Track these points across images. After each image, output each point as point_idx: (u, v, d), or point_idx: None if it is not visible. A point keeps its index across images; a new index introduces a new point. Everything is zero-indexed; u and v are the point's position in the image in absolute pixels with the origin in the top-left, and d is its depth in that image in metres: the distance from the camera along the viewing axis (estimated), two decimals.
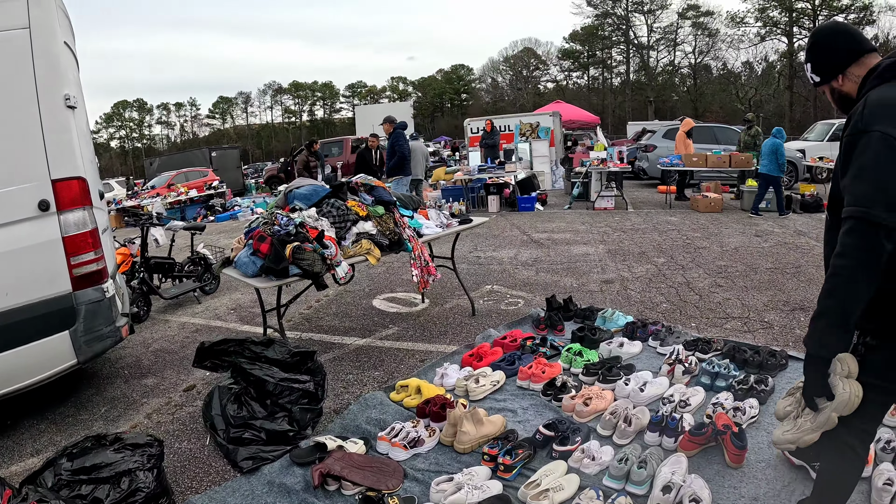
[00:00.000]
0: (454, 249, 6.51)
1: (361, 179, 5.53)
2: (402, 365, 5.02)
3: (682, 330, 5.34)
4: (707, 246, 9.51)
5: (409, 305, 6.72)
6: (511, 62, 76.94)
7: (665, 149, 17.70)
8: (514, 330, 5.41)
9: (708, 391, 4.17)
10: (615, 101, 69.31)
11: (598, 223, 12.08)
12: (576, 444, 3.44)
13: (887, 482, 2.99)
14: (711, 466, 3.32)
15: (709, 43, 64.47)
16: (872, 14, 53.61)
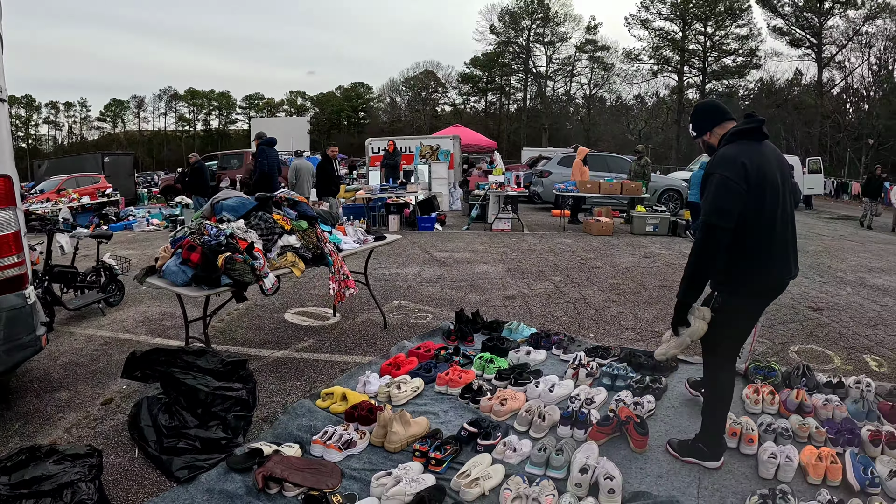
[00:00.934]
0: (367, 265, 6.78)
1: (284, 194, 5.70)
2: (322, 375, 5.19)
3: (582, 339, 5.91)
4: (600, 266, 10.18)
5: (321, 319, 6.89)
6: (411, 83, 77.53)
7: (559, 175, 18.46)
8: (427, 341, 5.73)
9: (609, 391, 4.74)
10: (511, 127, 70.93)
11: (497, 244, 12.56)
12: (497, 439, 3.81)
13: (771, 456, 3.69)
14: (619, 452, 3.85)
15: (604, 76, 67.69)
16: (759, 59, 57.15)
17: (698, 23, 59.04)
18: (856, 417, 4.44)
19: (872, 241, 16.62)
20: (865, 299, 8.87)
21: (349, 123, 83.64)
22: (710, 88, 60.87)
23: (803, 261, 11.80)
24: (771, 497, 3.25)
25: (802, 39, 53.25)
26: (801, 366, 5.17)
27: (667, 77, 63.35)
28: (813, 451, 3.83)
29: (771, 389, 4.72)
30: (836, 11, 50.37)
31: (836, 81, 52.58)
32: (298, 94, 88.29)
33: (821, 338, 6.80)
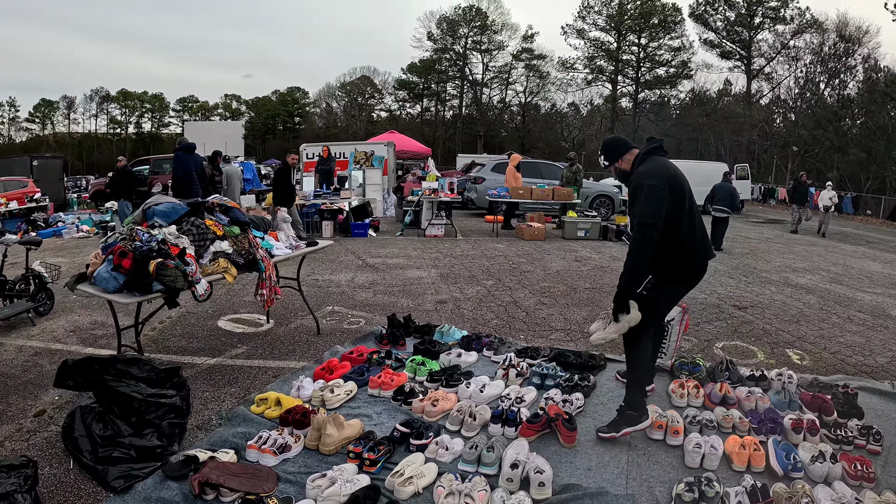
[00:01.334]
0: (300, 271, 6.81)
1: (217, 200, 5.70)
2: (256, 381, 5.18)
3: (512, 341, 6.08)
4: (532, 270, 10.41)
5: (254, 326, 6.87)
6: (348, 89, 77.12)
7: (493, 181, 18.68)
8: (360, 346, 5.79)
9: (539, 389, 4.92)
10: (446, 134, 71.08)
11: (430, 249, 12.68)
12: (430, 439, 3.91)
13: (696, 446, 3.91)
14: (549, 448, 4.00)
15: (539, 84, 68.39)
16: (690, 71, 58.70)
17: (632, 34, 60.74)
18: (778, 408, 4.70)
19: (798, 243, 17.36)
20: (789, 297, 9.30)
21: (285, 128, 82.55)
22: (642, 97, 62.39)
23: (729, 262, 12.37)
24: (696, 484, 3.42)
25: (733, 52, 55.31)
26: (724, 361, 5.41)
27: (601, 86, 64.78)
28: (737, 440, 4.05)
29: (696, 384, 4.92)
30: (765, 26, 52.49)
31: (764, 92, 54.87)
32: (234, 98, 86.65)
33: (745, 334, 7.14)
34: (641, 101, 62.76)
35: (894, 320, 8.25)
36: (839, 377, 5.70)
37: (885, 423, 4.62)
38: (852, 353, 6.63)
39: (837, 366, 6.17)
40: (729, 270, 11.66)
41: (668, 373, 5.41)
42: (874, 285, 11.01)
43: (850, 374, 5.93)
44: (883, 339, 7.29)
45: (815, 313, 8.38)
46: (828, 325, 7.79)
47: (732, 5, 54.35)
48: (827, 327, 7.65)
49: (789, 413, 4.55)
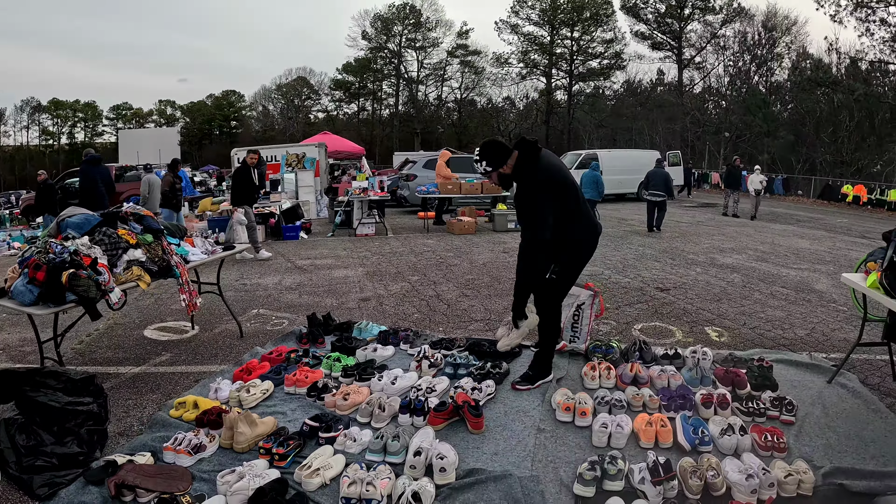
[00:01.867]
0: (219, 276, 6.82)
1: (130, 209, 5.69)
2: (177, 386, 5.21)
3: (429, 333, 6.24)
4: (458, 263, 10.62)
5: (179, 333, 6.87)
6: (284, 90, 76.27)
7: (425, 178, 18.85)
8: (280, 346, 5.87)
9: (452, 379, 5.03)
10: (384, 132, 70.84)
11: (359, 248, 12.80)
12: (339, 431, 4.01)
13: (602, 426, 4.05)
14: (458, 435, 4.11)
15: (475, 80, 68.53)
16: (622, 62, 59.73)
17: (566, 28, 61.13)
18: (691, 385, 4.84)
19: (728, 225, 17.89)
20: (713, 277, 9.62)
21: (221, 133, 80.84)
22: (577, 90, 63.06)
23: (657, 246, 12.70)
24: (600, 462, 3.52)
25: (664, 43, 56.09)
26: (637, 341, 5.55)
27: (536, 80, 65.26)
28: (645, 418, 4.15)
29: (608, 365, 5.06)
30: (695, 16, 53.43)
31: (695, 81, 55.86)
32: (168, 104, 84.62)
33: (665, 315, 7.36)
34: (576, 93, 63.49)
35: (817, 294, 8.58)
36: (756, 351, 5.91)
37: (800, 394, 4.82)
38: (772, 327, 6.88)
39: (756, 340, 6.39)
40: (656, 254, 12.00)
41: (583, 356, 5.55)
42: (800, 261, 11.43)
43: (768, 347, 6.15)
44: (804, 312, 7.57)
45: (737, 291, 8.67)
46: (749, 301, 8.06)
47: None
48: (749, 304, 7.92)
49: (702, 389, 4.70)
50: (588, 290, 5.66)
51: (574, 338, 5.65)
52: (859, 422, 4.41)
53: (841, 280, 5.29)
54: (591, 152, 26.94)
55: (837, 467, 3.69)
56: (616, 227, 16.99)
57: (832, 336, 6.62)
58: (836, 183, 31.14)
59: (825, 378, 5.21)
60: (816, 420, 4.41)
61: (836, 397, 4.84)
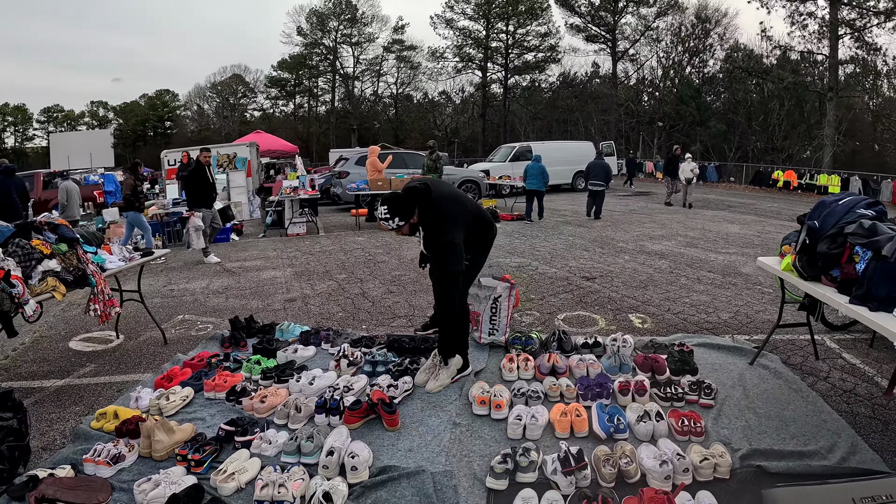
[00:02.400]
0: (140, 282, 6.75)
1: (45, 219, 5.61)
2: (100, 398, 5.16)
3: (350, 332, 6.30)
4: (386, 260, 10.69)
5: (104, 343, 6.77)
6: (219, 89, 74.83)
7: (357, 174, 18.80)
8: (203, 351, 5.86)
9: (371, 377, 5.08)
10: (320, 129, 70.20)
11: (290, 248, 12.75)
12: (255, 434, 4.04)
13: (517, 418, 4.11)
14: (374, 433, 4.17)
15: (411, 75, 68.42)
16: (558, 55, 60.26)
17: (501, 22, 61.34)
18: (610, 372, 4.97)
19: (660, 212, 18.29)
20: (641, 264, 9.83)
21: (155, 134, 78.90)
22: (512, 83, 63.48)
23: (588, 236, 12.94)
24: (512, 455, 3.58)
25: (598, 36, 56.80)
26: (556, 331, 5.65)
27: (471, 74, 65.51)
28: (560, 408, 4.23)
29: (527, 357, 5.13)
30: (629, 9, 54.27)
31: (630, 73, 56.82)
32: (101, 105, 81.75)
33: (589, 304, 7.48)
34: (512, 86, 63.97)
35: (743, 277, 8.84)
36: (678, 336, 6.07)
37: (721, 377, 4.97)
38: (696, 311, 7.07)
39: (679, 325, 6.55)
40: (586, 244, 12.20)
41: (503, 348, 5.64)
42: (729, 246, 11.77)
43: (691, 332, 6.30)
44: (729, 295, 7.80)
45: (664, 277, 8.88)
46: (675, 287, 8.26)
47: None
48: (674, 290, 8.11)
49: (620, 376, 4.79)
50: (504, 283, 5.77)
51: (493, 330, 5.75)
52: (780, 402, 4.54)
53: (756, 264, 5.50)
54: (524, 144, 27.11)
55: (756, 449, 3.81)
56: (548, 218, 17.15)
57: (756, 318, 6.84)
58: (767, 169, 32.20)
59: (747, 360, 5.36)
60: (736, 402, 4.53)
61: (758, 378, 4.99)
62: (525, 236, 13.53)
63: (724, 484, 3.48)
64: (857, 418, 4.36)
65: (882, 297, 3.61)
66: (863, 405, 4.61)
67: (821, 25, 35.67)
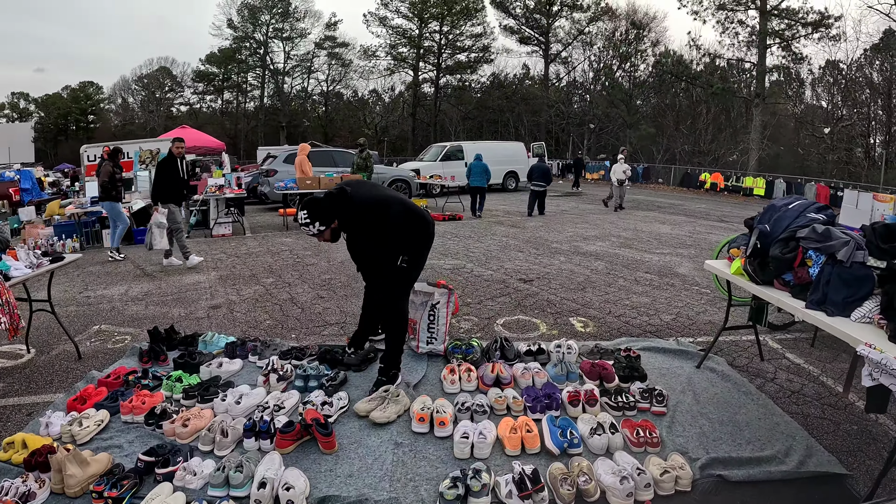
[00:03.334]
0: (50, 290, 6.20)
1: None
2: (9, 423, 4.68)
3: (279, 342, 5.93)
4: (315, 262, 10.36)
5: (14, 358, 6.19)
6: (145, 82, 72.72)
7: (286, 173, 18.39)
8: (119, 367, 5.41)
9: (303, 392, 4.75)
10: (248, 126, 69.03)
11: (214, 250, 12.26)
12: (178, 465, 3.65)
13: (463, 436, 3.86)
14: (310, 457, 3.85)
15: (342, 72, 67.87)
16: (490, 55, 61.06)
17: (435, 21, 61.46)
18: (557, 381, 4.81)
19: (591, 213, 18.52)
20: (577, 266, 9.80)
21: (78, 128, 76.04)
22: (444, 83, 63.60)
23: (521, 236, 12.91)
24: (462, 478, 3.34)
25: (531, 38, 57.52)
26: (498, 339, 5.43)
27: (403, 73, 65.36)
28: (509, 423, 4.01)
29: (468, 367, 4.89)
30: (563, 14, 55.30)
31: (561, 75, 57.77)
32: (21, 97, 78.64)
33: (528, 307, 7.33)
34: (443, 86, 64.04)
35: (680, 277, 8.87)
36: (623, 340, 6.00)
37: (670, 382, 4.90)
38: (637, 314, 7.02)
39: (622, 329, 6.48)
40: (519, 244, 12.12)
41: (443, 357, 5.40)
42: (662, 246, 11.90)
43: (634, 335, 6.25)
44: (668, 296, 7.80)
45: (601, 279, 8.83)
46: (614, 289, 8.22)
47: None
48: (613, 291, 8.07)
49: (568, 385, 4.63)
50: (441, 289, 5.53)
51: (432, 339, 5.51)
52: (731, 406, 4.52)
53: (704, 267, 5.44)
54: (455, 144, 27.01)
55: (714, 458, 3.74)
56: (481, 219, 17.07)
57: (697, 319, 6.84)
58: (695, 171, 33.30)
59: (693, 363, 5.33)
60: (688, 408, 4.47)
61: (707, 382, 4.95)
62: (458, 237, 13.38)
63: (686, 497, 3.42)
64: (809, 419, 4.41)
65: (838, 301, 3.67)
66: (812, 406, 4.67)
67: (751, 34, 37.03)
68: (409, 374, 5.08)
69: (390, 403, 4.36)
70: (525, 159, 28.01)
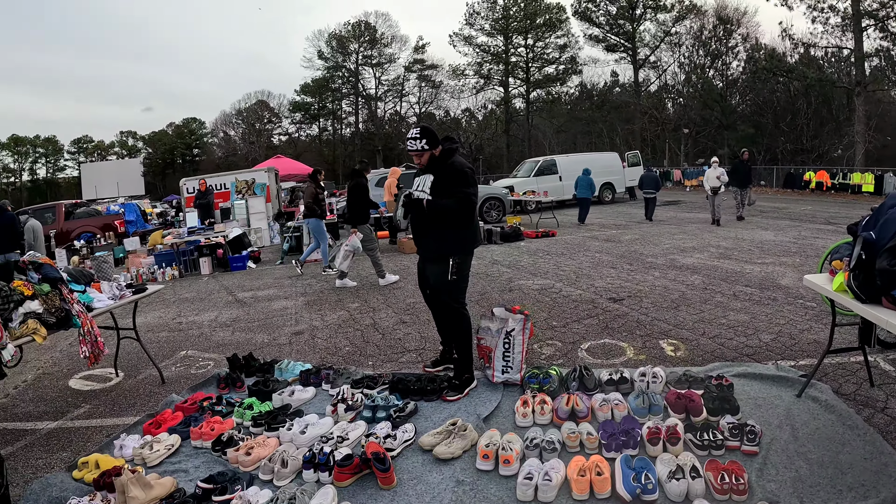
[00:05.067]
0: (135, 319, 6.42)
1: (29, 258, 5.40)
2: (89, 443, 4.87)
3: (353, 370, 5.83)
4: (402, 286, 10.28)
5: (103, 381, 6.48)
6: (244, 115, 75.87)
7: (376, 196, 18.53)
8: (197, 393, 5.50)
9: (370, 423, 4.57)
10: (346, 151, 70.65)
11: (306, 276, 12.42)
12: (234, 493, 3.61)
13: (527, 477, 3.52)
14: (366, 492, 3.68)
15: (433, 93, 69.13)
16: (578, 66, 60.61)
17: (519, 36, 61.61)
18: (638, 414, 4.32)
19: (690, 222, 17.70)
20: (671, 281, 9.27)
21: (184, 161, 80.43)
22: (534, 96, 63.48)
23: (615, 251, 12.49)
24: None
25: (618, 45, 56.57)
26: (577, 367, 5.06)
27: (493, 89, 65.59)
28: (579, 463, 3.67)
29: (543, 398, 4.56)
30: (647, 16, 54.16)
31: (651, 80, 56.49)
32: (130, 135, 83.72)
33: (616, 330, 6.90)
34: (534, 100, 63.89)
35: (783, 290, 8.26)
36: (715, 365, 5.44)
37: (766, 414, 4.34)
38: (734, 334, 6.45)
39: (716, 352, 5.92)
40: (613, 260, 11.69)
41: (519, 387, 5.12)
42: (765, 255, 11.21)
43: (729, 359, 5.67)
44: (769, 313, 7.20)
45: (697, 294, 8.33)
46: (710, 305, 7.70)
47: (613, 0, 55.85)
48: (709, 308, 7.55)
49: (650, 419, 4.21)
50: (517, 315, 5.28)
51: (507, 368, 5.23)
52: (834, 443, 3.89)
53: (804, 283, 4.83)
54: (549, 158, 26.73)
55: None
56: (574, 233, 16.70)
57: (801, 339, 6.18)
58: (798, 171, 31.48)
59: (794, 391, 4.70)
60: (784, 446, 3.89)
61: (808, 414, 4.33)
62: (550, 254, 13.04)
63: None
64: None
65: None
66: None
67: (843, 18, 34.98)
68: (481, 406, 4.83)
69: (456, 438, 4.11)
70: (620, 170, 27.49)
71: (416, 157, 5.32)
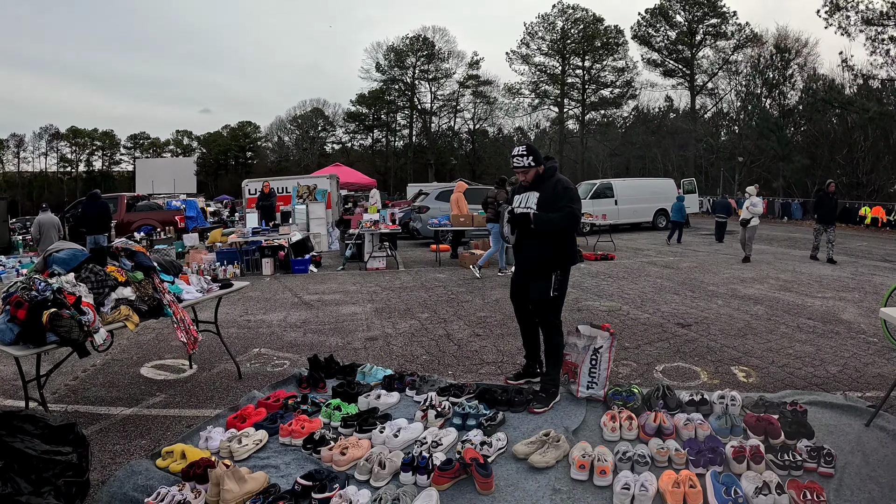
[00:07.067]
0: (217, 314, 6.47)
1: (122, 244, 5.46)
2: (168, 432, 4.90)
3: (437, 378, 5.81)
4: (470, 300, 10.24)
5: (177, 372, 6.56)
6: (299, 122, 77.12)
7: (437, 210, 18.65)
8: (279, 390, 5.50)
9: (460, 430, 4.59)
10: (398, 163, 71.18)
11: (369, 283, 12.46)
12: (334, 491, 3.59)
13: (624, 487, 3.60)
14: (465, 496, 3.69)
15: (487, 110, 69.38)
16: (634, 90, 60.29)
17: (576, 57, 61.56)
18: (720, 434, 4.43)
19: None
20: (735, 310, 9.20)
21: (236, 163, 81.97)
22: (589, 118, 63.28)
23: (676, 278, 12.35)
24: None
25: (676, 70, 56.24)
26: (660, 387, 5.11)
27: (547, 109, 65.47)
28: (671, 476, 3.75)
29: (630, 414, 4.64)
30: (706, 42, 53.74)
31: (707, 107, 55.94)
32: (185, 134, 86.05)
33: (688, 354, 6.92)
34: (588, 121, 63.68)
35: (845, 325, 8.19)
36: (787, 392, 5.52)
37: (838, 440, 4.45)
38: (802, 364, 6.48)
39: (786, 380, 5.99)
40: (675, 286, 11.58)
41: (602, 403, 5.15)
42: (824, 289, 11.05)
43: (799, 387, 5.74)
44: (834, 346, 7.19)
45: (762, 324, 8.27)
46: (776, 336, 7.67)
47: (674, 25, 55.60)
48: (775, 339, 7.52)
49: (732, 439, 4.30)
50: (605, 332, 5.30)
51: (592, 383, 5.25)
52: None
53: (879, 315, 4.93)
54: (605, 182, 26.48)
55: None
56: (632, 258, 16.55)
57: (865, 372, 6.23)
58: (854, 205, 30.66)
59: (863, 420, 4.80)
60: (857, 470, 4.01)
61: (877, 442, 4.44)
62: (612, 278, 12.93)
63: None
64: None
65: None
66: None
67: None
68: (567, 419, 4.86)
69: (550, 448, 4.16)
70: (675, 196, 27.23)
71: (520, 174, 5.44)
